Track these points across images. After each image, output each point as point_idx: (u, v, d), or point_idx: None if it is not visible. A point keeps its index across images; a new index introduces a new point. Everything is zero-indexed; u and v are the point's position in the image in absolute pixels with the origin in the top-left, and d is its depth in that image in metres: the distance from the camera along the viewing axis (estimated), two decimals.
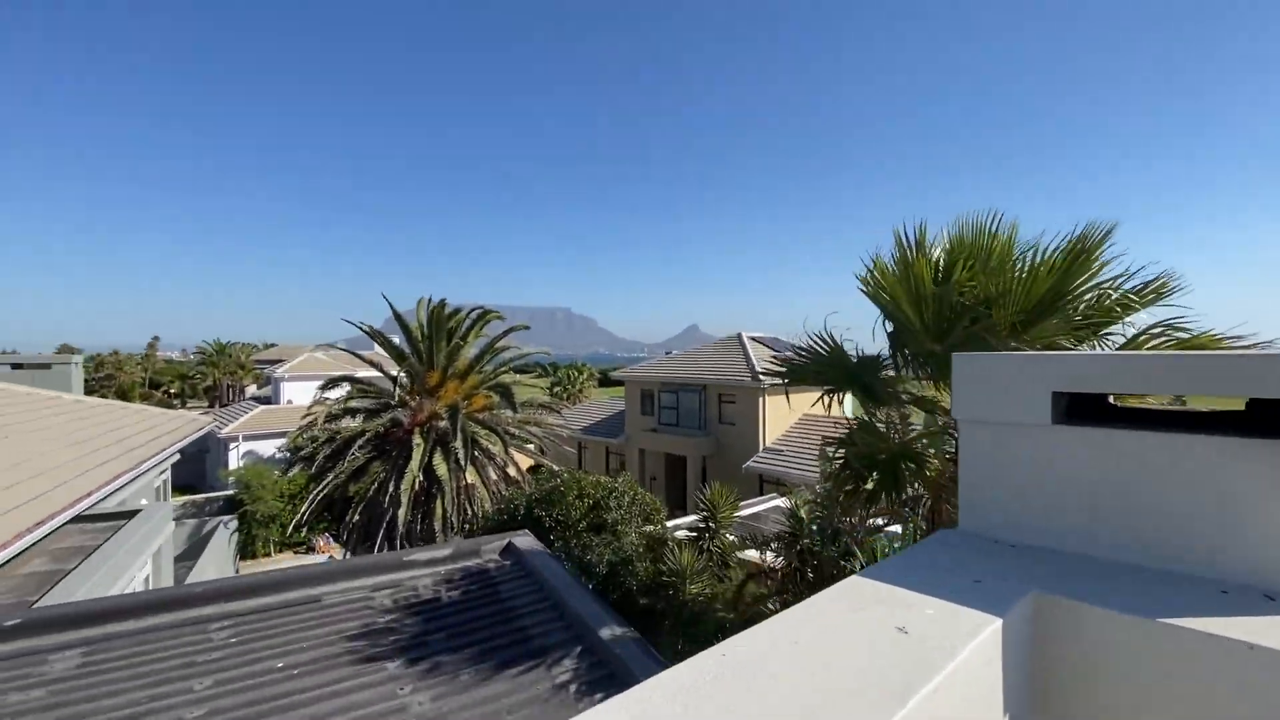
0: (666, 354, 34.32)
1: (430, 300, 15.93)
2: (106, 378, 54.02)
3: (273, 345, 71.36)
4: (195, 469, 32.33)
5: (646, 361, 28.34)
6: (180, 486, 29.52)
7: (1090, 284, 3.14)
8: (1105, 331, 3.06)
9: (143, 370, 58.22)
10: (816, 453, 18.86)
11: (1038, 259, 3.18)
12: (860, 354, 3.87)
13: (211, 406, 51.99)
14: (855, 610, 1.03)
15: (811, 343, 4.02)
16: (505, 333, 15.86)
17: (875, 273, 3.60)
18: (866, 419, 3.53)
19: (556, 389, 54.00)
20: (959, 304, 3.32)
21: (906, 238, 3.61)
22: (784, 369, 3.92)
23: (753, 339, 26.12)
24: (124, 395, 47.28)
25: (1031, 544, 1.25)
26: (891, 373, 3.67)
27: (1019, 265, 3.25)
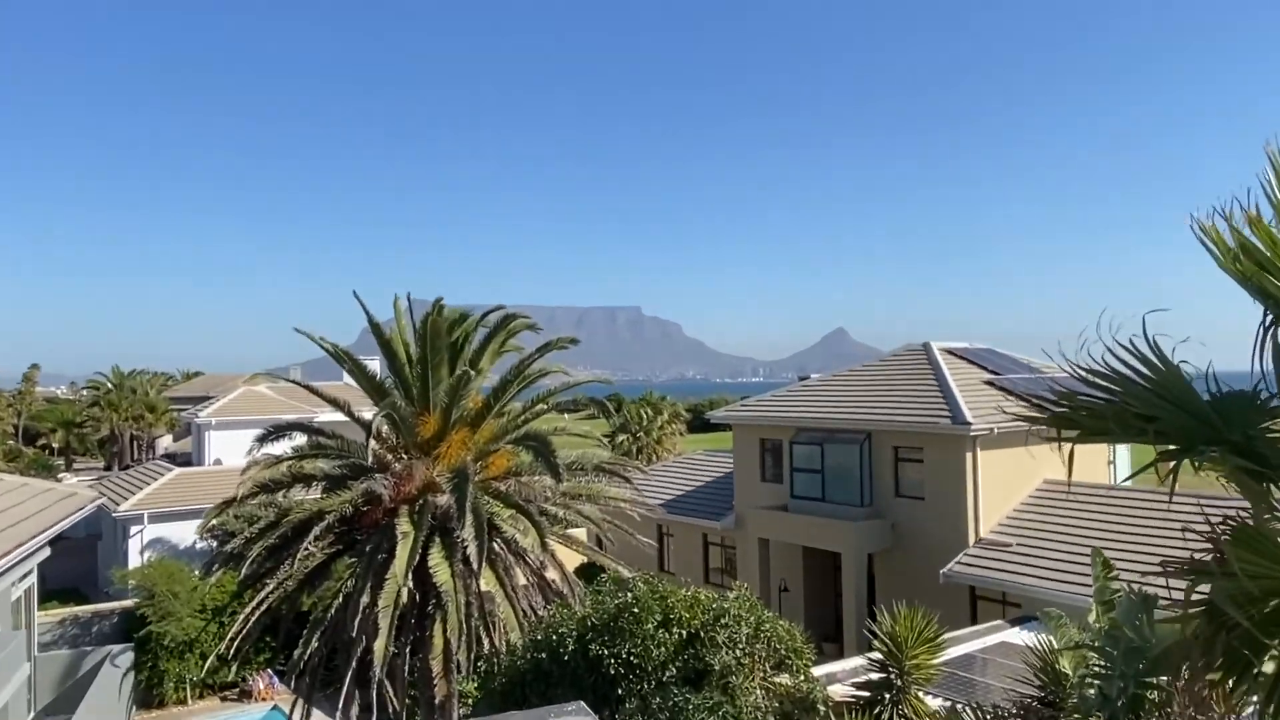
0: (799, 378, 34.02)
1: (411, 301, 16.35)
2: None
3: (197, 374, 76.29)
4: (82, 565, 34.40)
5: (765, 394, 28.99)
6: (57, 592, 31.49)
7: None
8: None
9: (14, 413, 63.73)
10: (1087, 554, 17.65)
11: None
12: (1217, 385, 3.22)
13: (109, 468, 55.90)
14: None
15: (1108, 363, 3.39)
16: (543, 350, 15.96)
17: (1245, 232, 2.99)
18: (1251, 522, 2.80)
19: (622, 438, 55.60)
20: None
21: None
22: (1061, 410, 3.37)
23: (950, 352, 25.32)
24: None
25: None
26: None
27: None
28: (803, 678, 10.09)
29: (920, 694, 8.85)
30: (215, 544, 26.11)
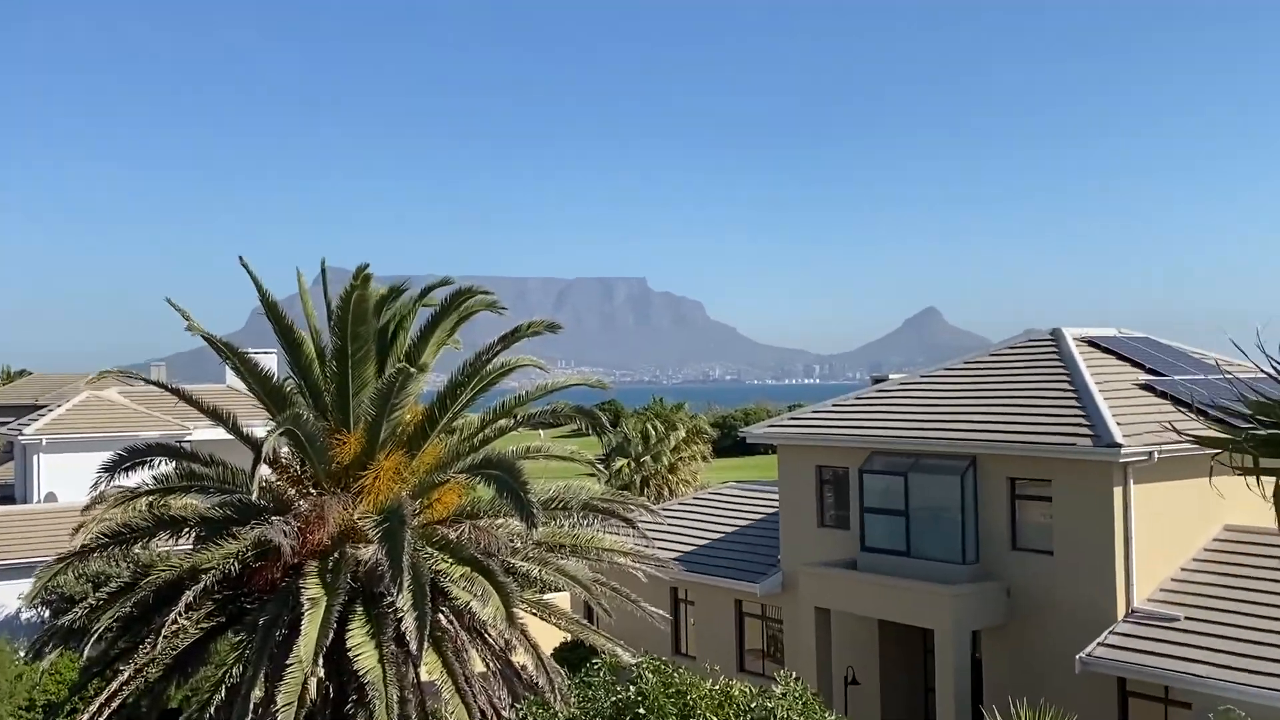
0: (873, 379, 33.64)
1: (326, 272, 16.26)
2: None
3: (22, 374, 76.42)
4: None
5: (825, 402, 29.08)
6: None
7: None
8: None
9: None
10: None
11: None
12: None
13: None
14: None
15: None
16: (510, 338, 15.94)
17: None
18: None
19: (622, 463, 55.51)
20: None
21: None
22: (1274, 427, 3.30)
23: (1090, 343, 25.32)
24: None
25: None
26: None
27: None
28: None
29: None
30: (48, 614, 26.12)
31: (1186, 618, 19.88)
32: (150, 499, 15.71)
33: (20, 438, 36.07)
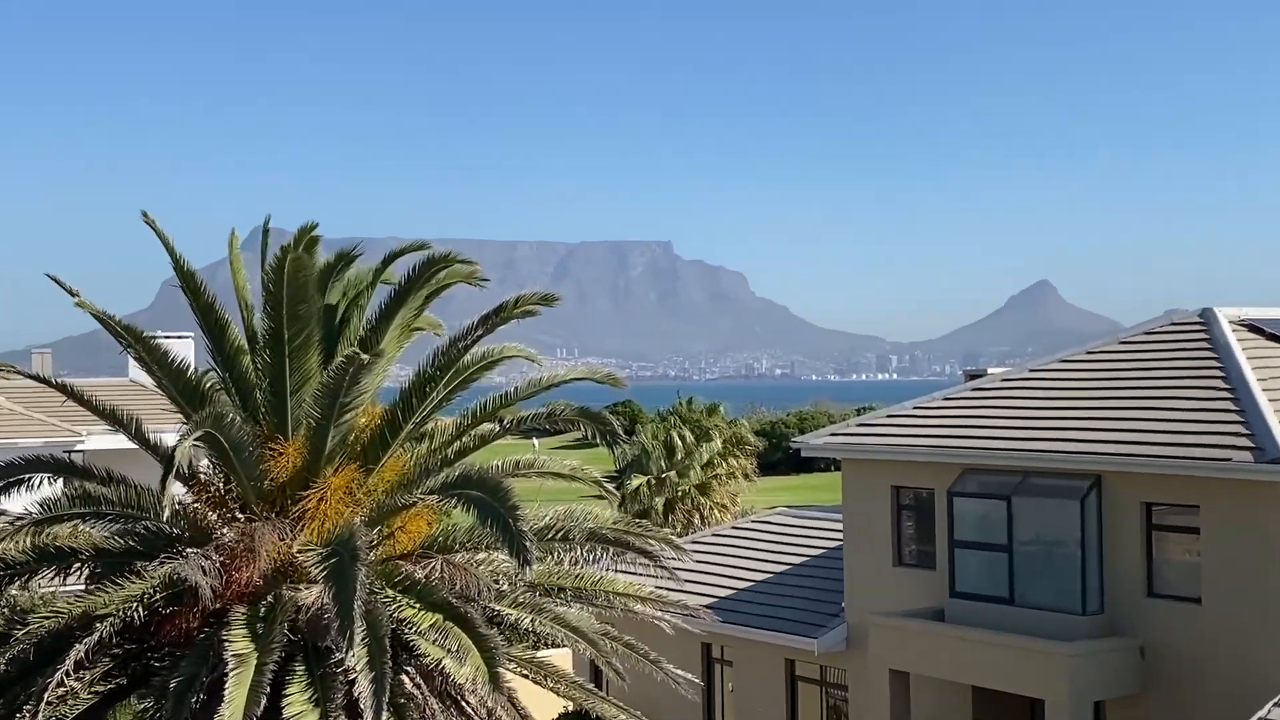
0: (967, 375, 33.39)
1: (268, 234, 16.24)
2: None
3: None
4: None
5: (904, 404, 29.24)
6: None
7: None
8: None
9: None
10: None
11: None
12: None
13: None
14: None
15: None
16: (494, 317, 15.90)
17: None
18: None
19: (639, 482, 55.47)
20: None
21: None
22: None
23: (1251, 327, 25.26)
24: None
25: None
26: None
27: None
28: None
29: None
30: None
31: None
32: (31, 529, 15.65)
33: None
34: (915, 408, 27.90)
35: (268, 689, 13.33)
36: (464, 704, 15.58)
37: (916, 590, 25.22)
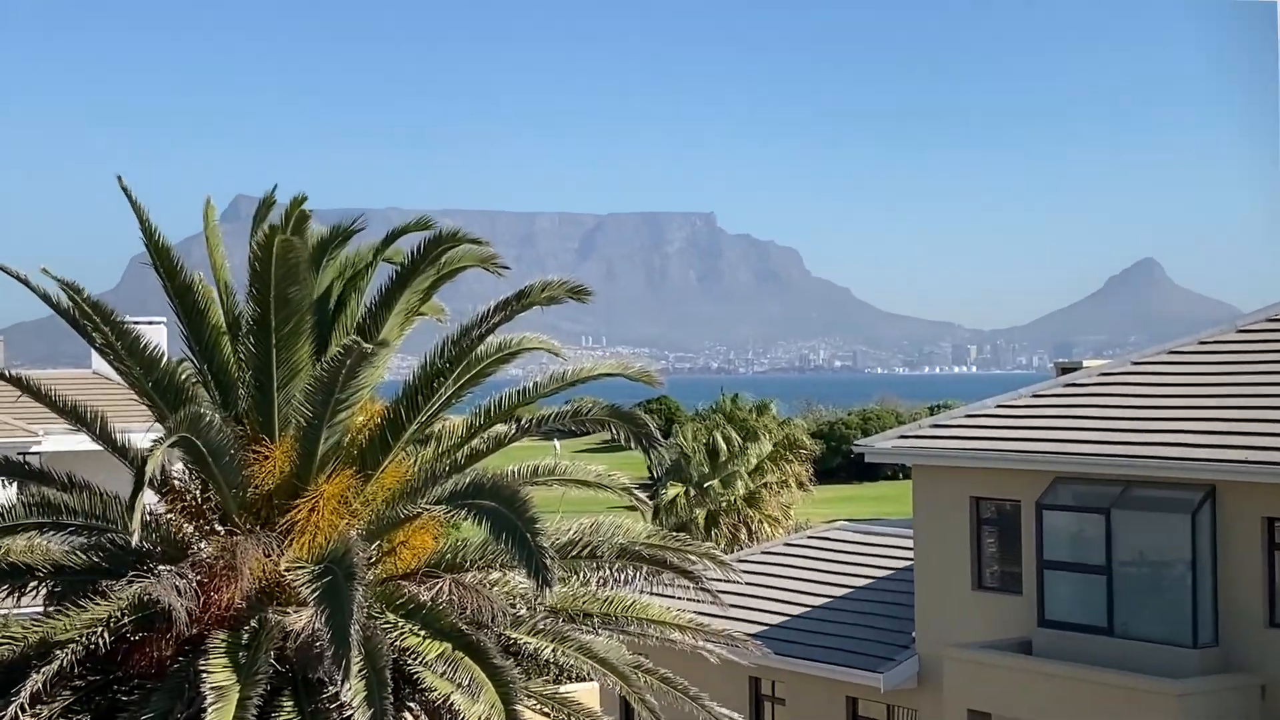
0: (1058, 368, 33.32)
1: (269, 207, 16.24)
2: None
3: None
4: None
5: (984, 402, 29.33)
6: None
7: None
8: None
9: None
10: None
11: None
12: None
13: None
14: None
15: None
16: (514, 304, 15.86)
17: None
18: None
19: (677, 491, 55.80)
20: None
21: None
22: None
23: None
24: None
25: None
26: None
27: None
28: None
29: None
30: None
31: None
32: None
33: None
34: (998, 406, 27.81)
35: None
36: None
37: (999, 618, 25.15)
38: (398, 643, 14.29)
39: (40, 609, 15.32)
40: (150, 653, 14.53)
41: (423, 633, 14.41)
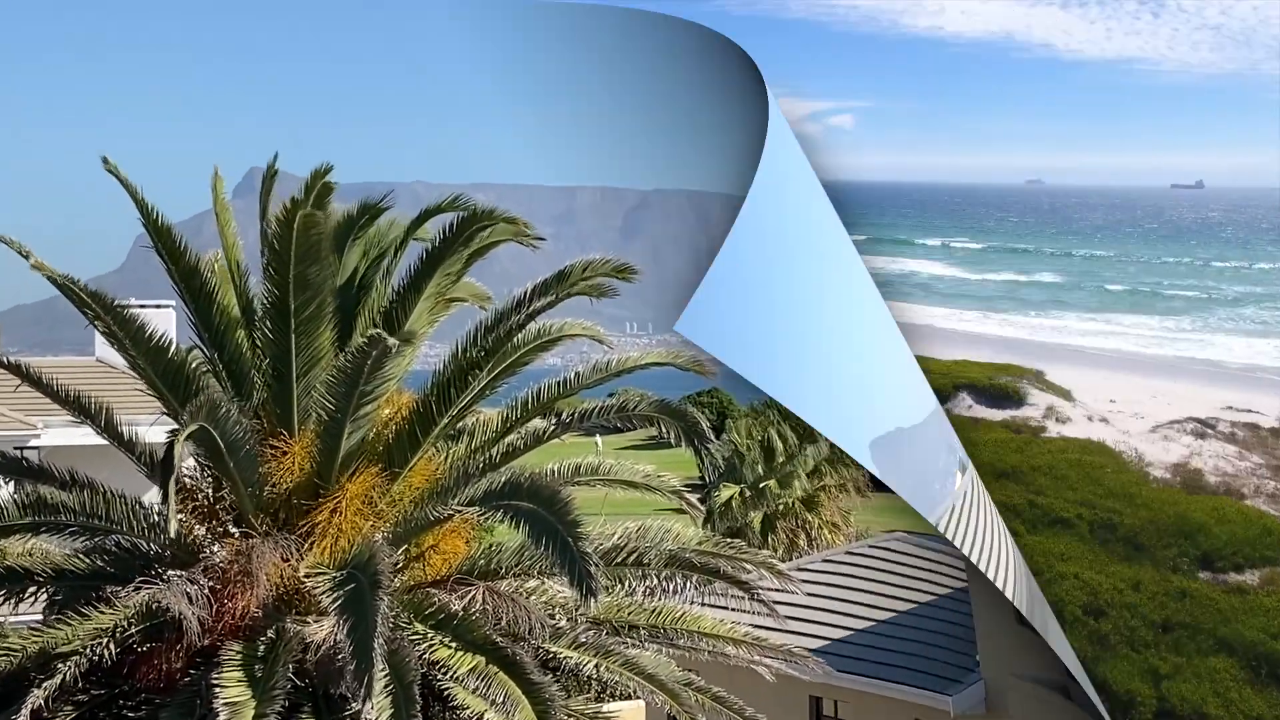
0: None
1: (272, 178, 16.24)
2: None
3: None
4: None
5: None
6: None
7: None
8: None
9: None
10: None
11: None
12: None
13: None
14: None
15: None
16: (553, 289, 15.76)
17: None
18: None
19: (731, 493, 55.74)
20: None
21: None
22: None
23: None
24: None
25: None
26: None
27: None
28: None
29: None
30: None
31: None
32: None
33: None
34: None
35: None
36: None
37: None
38: (426, 656, 14.26)
39: (40, 617, 15.32)
40: (159, 665, 14.54)
41: (454, 645, 14.39)
